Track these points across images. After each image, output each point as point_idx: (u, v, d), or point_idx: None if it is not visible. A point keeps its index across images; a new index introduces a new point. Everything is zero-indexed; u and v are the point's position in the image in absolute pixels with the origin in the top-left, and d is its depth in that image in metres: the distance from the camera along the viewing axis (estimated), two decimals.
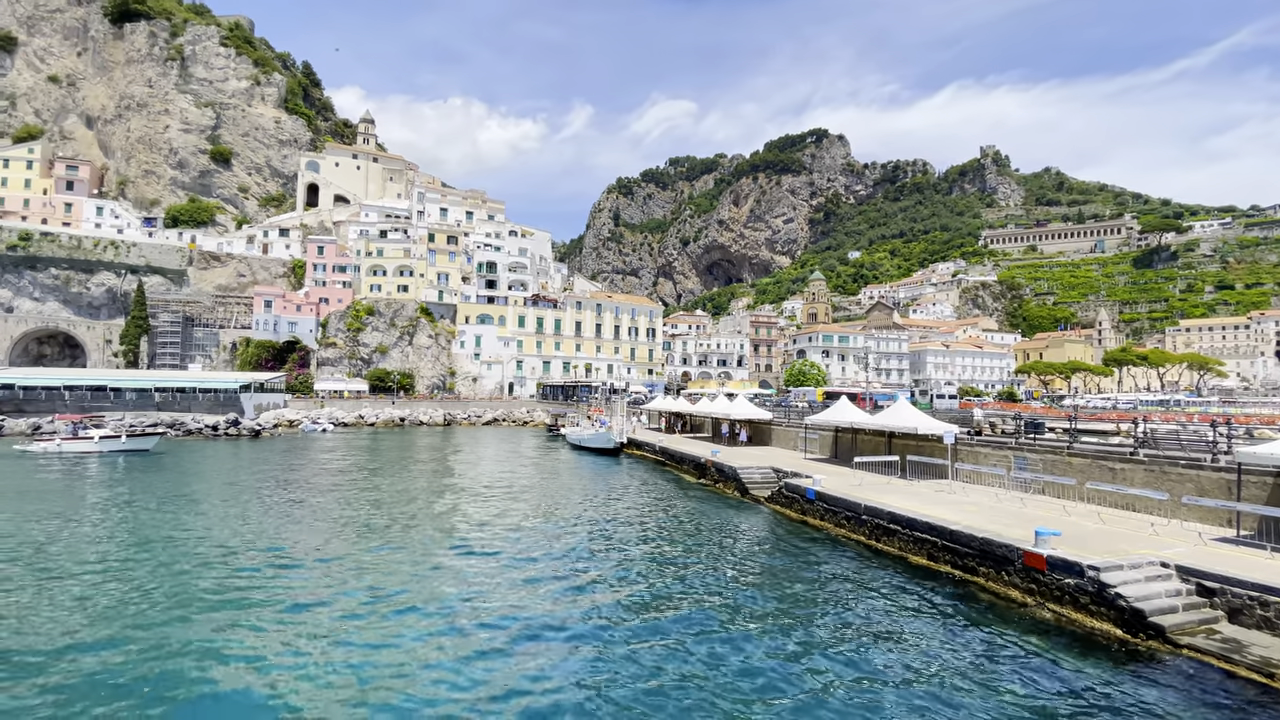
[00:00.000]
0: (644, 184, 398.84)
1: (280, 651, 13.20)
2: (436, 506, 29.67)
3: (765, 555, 21.79)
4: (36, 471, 37.57)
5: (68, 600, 15.88)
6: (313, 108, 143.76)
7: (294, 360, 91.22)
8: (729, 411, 45.06)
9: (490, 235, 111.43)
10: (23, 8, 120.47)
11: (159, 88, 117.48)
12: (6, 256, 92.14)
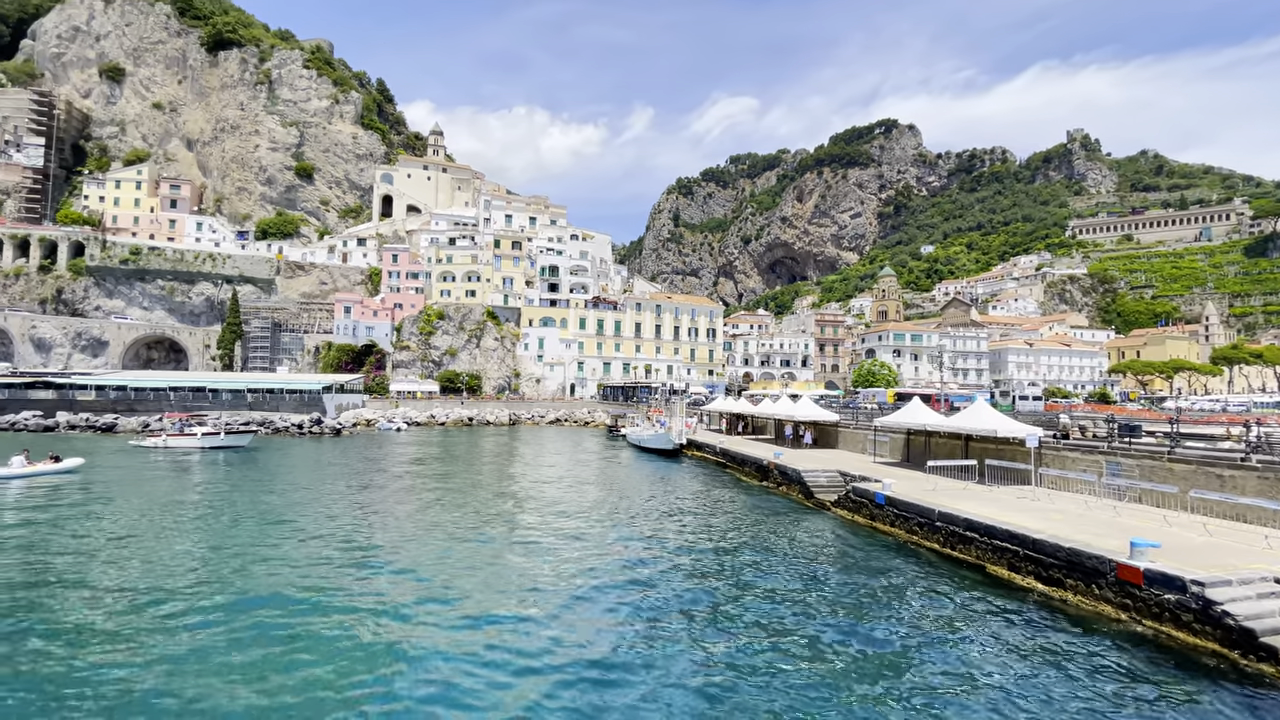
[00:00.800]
0: (704, 183, 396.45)
1: (356, 634, 13.82)
2: (504, 504, 30.40)
3: (831, 560, 21.02)
4: (148, 465, 41.05)
5: (182, 581, 17.13)
6: (386, 122, 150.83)
7: (371, 363, 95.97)
8: (792, 413, 43.96)
9: (552, 240, 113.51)
10: (129, 41, 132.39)
11: (249, 110, 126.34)
12: (120, 270, 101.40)
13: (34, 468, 34.65)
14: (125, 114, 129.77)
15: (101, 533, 22.84)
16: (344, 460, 45.52)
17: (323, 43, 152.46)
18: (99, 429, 64.47)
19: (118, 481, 34.14)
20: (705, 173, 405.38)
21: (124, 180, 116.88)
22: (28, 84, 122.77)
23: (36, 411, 68.38)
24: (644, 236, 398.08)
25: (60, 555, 19.93)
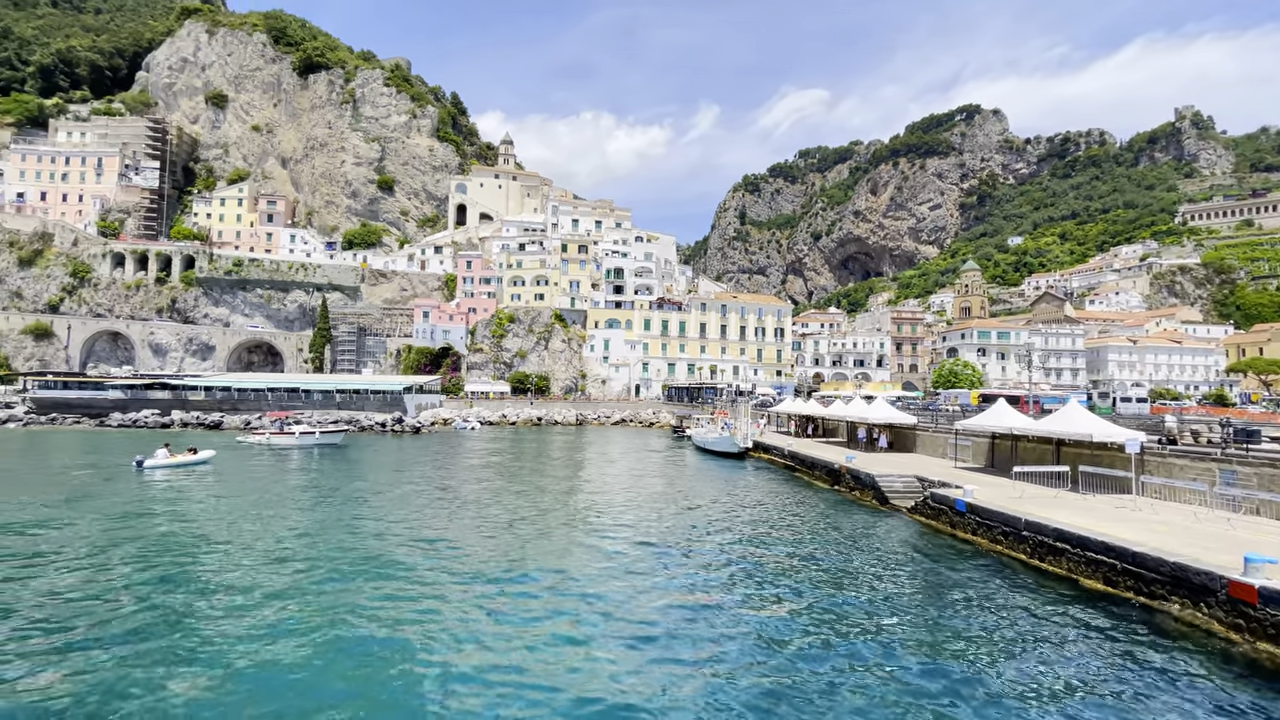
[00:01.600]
0: (771, 179, 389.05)
1: (432, 619, 14.35)
2: (574, 500, 31.02)
3: (907, 568, 20.00)
4: (256, 459, 44.96)
5: (294, 560, 18.44)
6: (460, 134, 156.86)
7: (447, 364, 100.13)
8: (866, 415, 42.32)
9: (617, 242, 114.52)
10: (231, 69, 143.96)
11: (336, 128, 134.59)
12: (225, 280, 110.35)
13: (175, 459, 39.56)
14: (228, 137, 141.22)
15: (231, 511, 26.79)
16: (425, 458, 47.84)
17: (401, 61, 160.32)
18: (207, 426, 70.51)
19: (237, 472, 38.22)
20: (773, 168, 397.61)
21: (227, 198, 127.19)
22: (144, 112, 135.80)
23: (155, 410, 75.59)
24: (709, 236, 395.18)
25: (200, 527, 24.01)
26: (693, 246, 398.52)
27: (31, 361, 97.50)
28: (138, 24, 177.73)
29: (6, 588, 16.73)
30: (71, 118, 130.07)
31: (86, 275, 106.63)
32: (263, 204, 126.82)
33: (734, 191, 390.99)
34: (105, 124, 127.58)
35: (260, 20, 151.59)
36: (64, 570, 18.28)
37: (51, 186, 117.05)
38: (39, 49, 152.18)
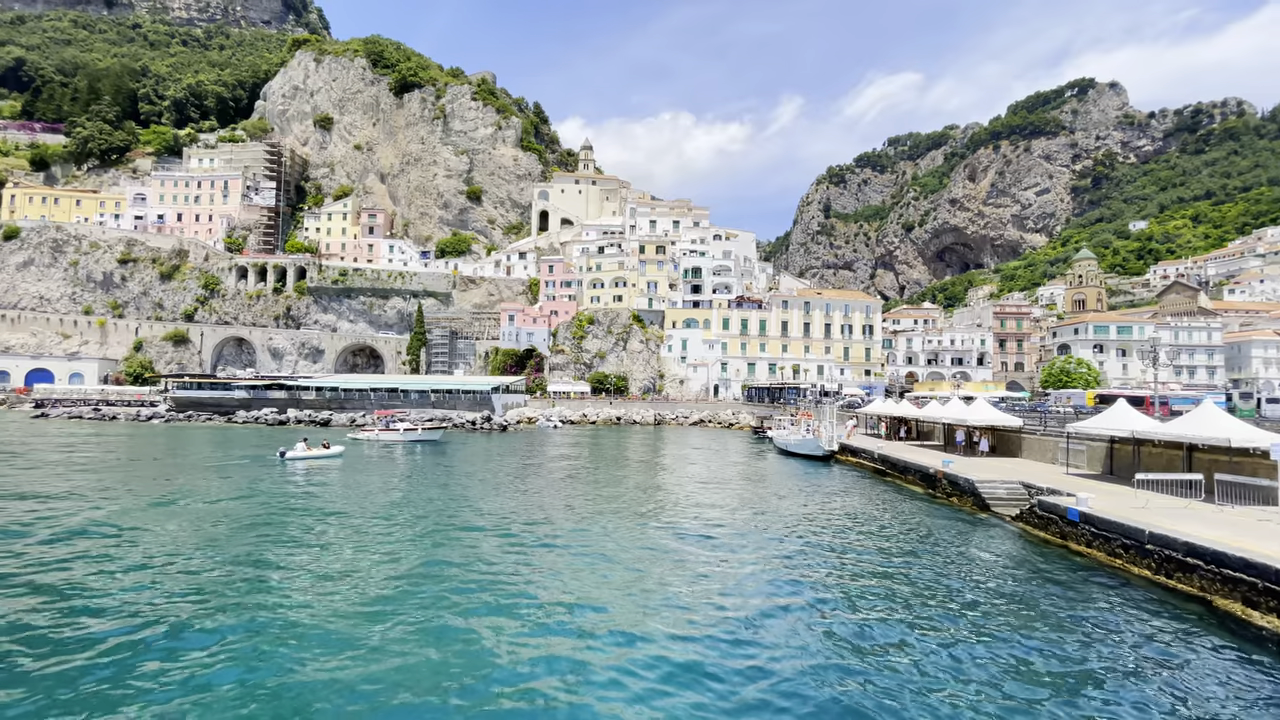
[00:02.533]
0: (858, 169, 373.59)
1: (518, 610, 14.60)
2: (654, 499, 31.03)
3: (1012, 581, 18.35)
4: (365, 454, 48.52)
5: (406, 550, 19.52)
6: (542, 143, 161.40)
7: (531, 365, 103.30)
8: (964, 416, 39.53)
9: (695, 241, 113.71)
10: (335, 93, 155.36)
11: (428, 143, 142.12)
12: (332, 289, 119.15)
13: (312, 452, 44.22)
14: (334, 156, 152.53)
15: (366, 496, 31.09)
16: (514, 454, 49.68)
17: (487, 75, 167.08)
18: (318, 423, 76.36)
19: (360, 465, 42.59)
20: (859, 158, 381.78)
21: (334, 213, 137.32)
22: (262, 138, 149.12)
23: (273, 408, 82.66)
24: (791, 231, 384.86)
25: (344, 507, 28.18)
26: (773, 243, 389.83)
27: (171, 365, 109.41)
28: (255, 57, 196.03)
29: (217, 550, 20.57)
30: (201, 145, 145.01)
31: (216, 287, 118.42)
32: (364, 217, 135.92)
33: (817, 184, 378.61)
34: (230, 150, 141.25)
35: (360, 46, 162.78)
36: (251, 535, 22.53)
37: (186, 208, 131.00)
38: (173, 85, 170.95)
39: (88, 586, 16.59)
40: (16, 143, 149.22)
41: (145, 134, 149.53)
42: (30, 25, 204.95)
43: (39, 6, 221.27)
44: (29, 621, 14.15)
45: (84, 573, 17.75)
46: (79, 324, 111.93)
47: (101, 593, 16.10)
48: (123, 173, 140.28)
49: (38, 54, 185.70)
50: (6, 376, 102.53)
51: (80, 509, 26.08)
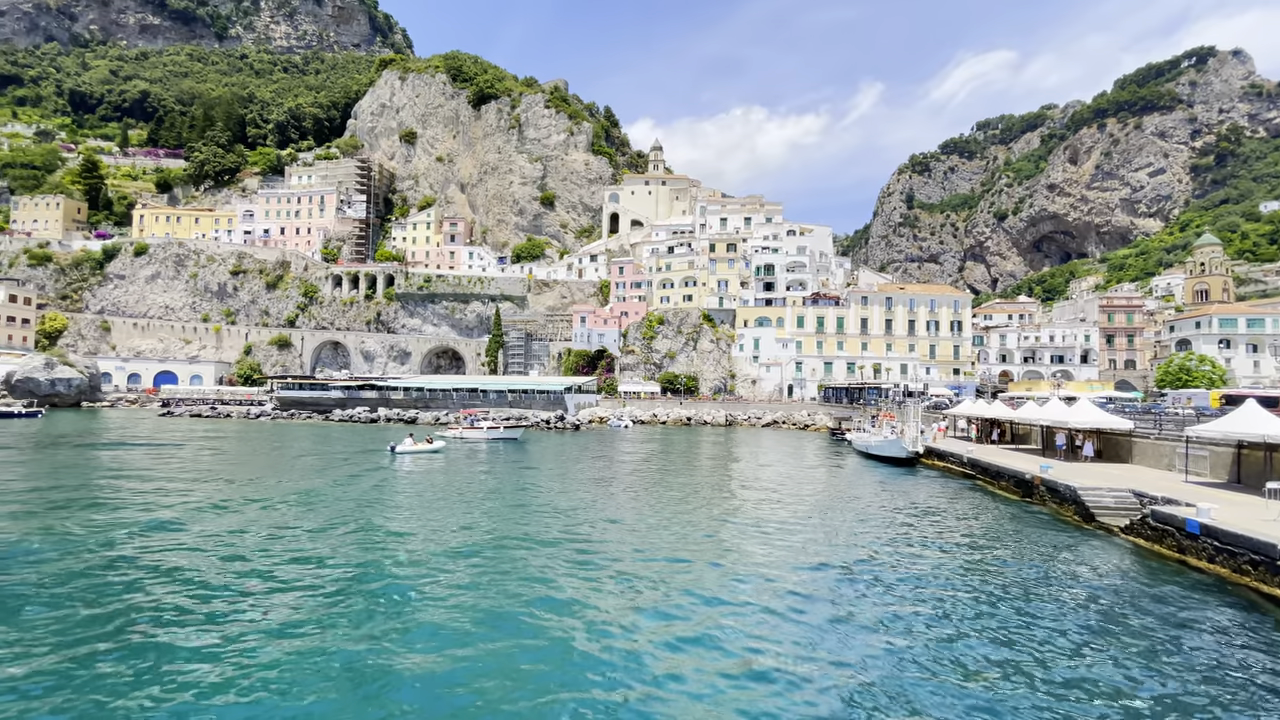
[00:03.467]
0: (944, 157, 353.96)
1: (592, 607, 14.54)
2: (726, 503, 30.34)
3: (1121, 601, 16.47)
4: (455, 451, 50.75)
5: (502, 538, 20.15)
6: (612, 146, 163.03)
7: (602, 366, 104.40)
8: (1066, 418, 36.37)
9: (767, 238, 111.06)
10: (419, 109, 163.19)
11: (504, 152, 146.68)
12: (417, 294, 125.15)
13: (418, 447, 47.93)
14: (417, 169, 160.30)
15: (459, 486, 34.48)
16: (588, 454, 50.37)
17: (559, 82, 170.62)
18: (405, 421, 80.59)
19: (457, 459, 45.45)
20: (945, 145, 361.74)
21: (418, 223, 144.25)
22: (353, 154, 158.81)
23: (365, 407, 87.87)
24: (870, 224, 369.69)
25: (447, 494, 31.93)
26: (851, 237, 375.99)
27: (275, 367, 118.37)
28: (347, 79, 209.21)
29: (360, 528, 23.98)
30: (300, 164, 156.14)
31: (314, 295, 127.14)
32: (446, 226, 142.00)
33: (899, 174, 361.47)
34: (325, 167, 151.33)
35: (440, 62, 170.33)
36: (369, 516, 26.13)
37: (287, 222, 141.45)
38: (275, 109, 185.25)
39: (267, 560, 19.47)
40: (144, 168, 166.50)
41: (252, 155, 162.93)
42: (153, 60, 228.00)
43: (160, 42, 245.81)
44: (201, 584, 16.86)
45: (266, 545, 21.13)
46: (198, 330, 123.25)
47: (271, 561, 19.19)
48: (234, 192, 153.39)
49: (160, 86, 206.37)
50: (138, 378, 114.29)
51: (249, 497, 29.54)
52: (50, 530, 22.62)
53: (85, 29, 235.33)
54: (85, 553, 19.71)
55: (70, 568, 17.99)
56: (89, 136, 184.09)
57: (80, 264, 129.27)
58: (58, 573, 17.51)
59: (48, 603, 15.38)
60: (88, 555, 19.37)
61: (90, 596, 15.77)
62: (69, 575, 17.31)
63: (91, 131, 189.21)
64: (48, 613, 14.73)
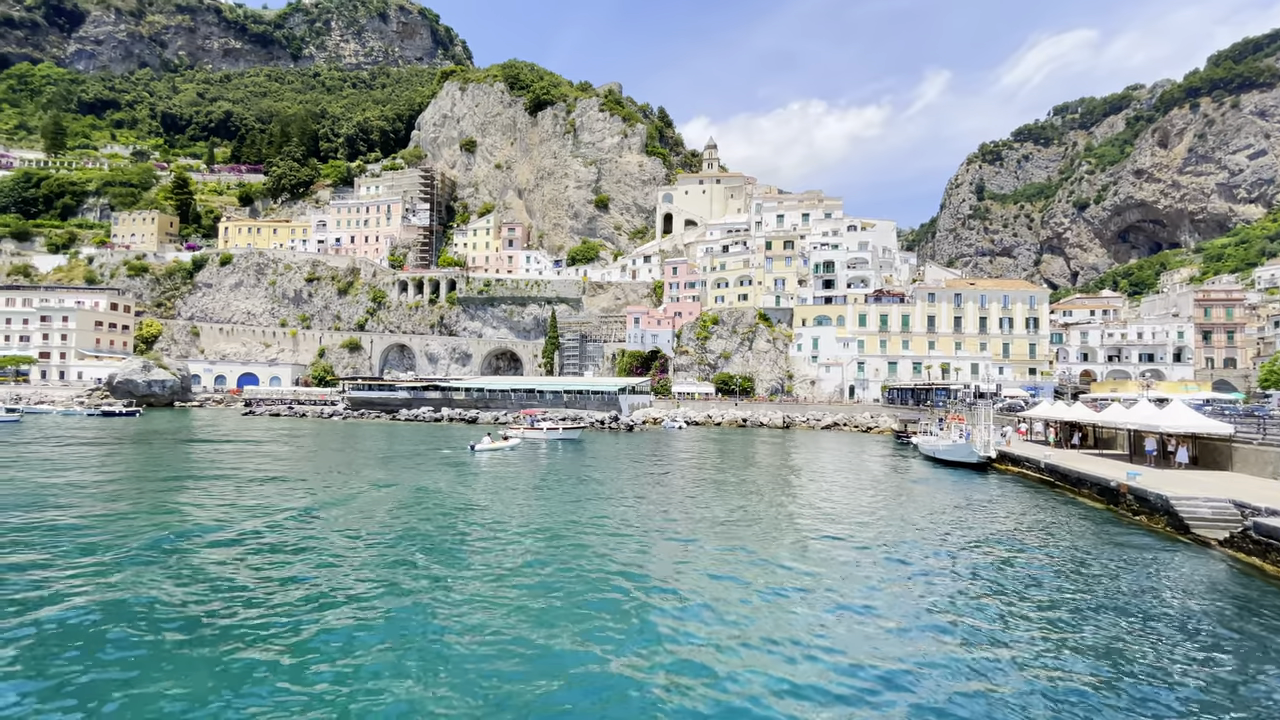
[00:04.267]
0: (1017, 144, 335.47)
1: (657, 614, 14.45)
2: (784, 506, 29.54)
3: (1220, 623, 14.85)
4: (519, 449, 52.12)
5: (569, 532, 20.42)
6: (666, 146, 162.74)
7: (656, 366, 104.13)
8: (1156, 421, 33.59)
9: (827, 234, 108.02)
10: (478, 118, 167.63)
11: (560, 157, 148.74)
12: (477, 298, 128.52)
13: (495, 445, 50.83)
14: (477, 176, 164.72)
15: (544, 479, 37.61)
16: (643, 454, 50.48)
17: (614, 85, 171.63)
18: (466, 420, 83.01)
19: (528, 456, 47.76)
20: (1019, 132, 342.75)
21: (478, 229, 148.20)
22: (417, 164, 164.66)
23: (429, 407, 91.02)
24: (937, 217, 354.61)
25: (526, 485, 35.22)
26: (916, 231, 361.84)
27: (347, 369, 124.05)
28: (411, 92, 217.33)
29: (448, 521, 25.97)
30: (368, 175, 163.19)
31: (382, 300, 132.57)
32: (504, 231, 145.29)
33: (968, 164, 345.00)
34: (391, 177, 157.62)
35: (499, 71, 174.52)
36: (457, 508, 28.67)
37: (357, 231, 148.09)
38: (345, 123, 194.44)
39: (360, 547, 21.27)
40: (228, 183, 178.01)
41: (325, 168, 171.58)
42: (235, 82, 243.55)
43: (241, 65, 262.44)
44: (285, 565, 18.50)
45: (355, 535, 22.86)
46: (276, 334, 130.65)
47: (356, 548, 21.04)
48: (308, 203, 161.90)
49: (241, 106, 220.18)
50: (224, 380, 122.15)
51: (340, 490, 32.09)
52: (161, 510, 25.48)
53: (174, 55, 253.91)
54: (207, 535, 21.64)
55: (192, 551, 19.13)
56: (179, 155, 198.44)
57: (172, 274, 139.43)
58: (173, 558, 18.66)
59: (173, 581, 16.99)
60: (208, 539, 20.89)
61: (213, 580, 17.31)
62: (188, 557, 18.41)
63: (181, 150, 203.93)
64: (170, 589, 16.24)
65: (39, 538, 21.26)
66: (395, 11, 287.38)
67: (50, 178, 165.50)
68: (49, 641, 13.01)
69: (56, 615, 14.34)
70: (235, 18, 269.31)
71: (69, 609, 14.73)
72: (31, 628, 13.60)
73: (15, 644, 12.85)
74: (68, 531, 22.07)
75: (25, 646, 12.81)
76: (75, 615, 14.39)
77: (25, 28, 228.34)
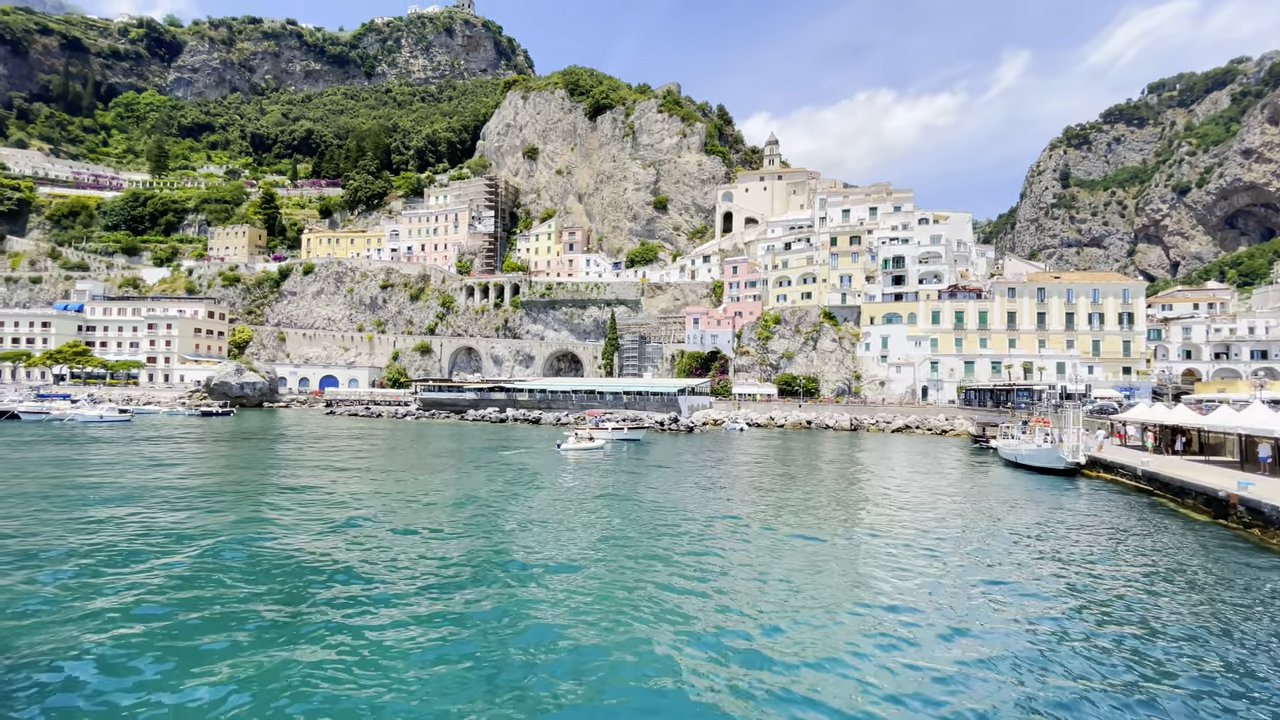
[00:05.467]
0: (1106, 126, 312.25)
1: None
2: (856, 515, 28.32)
3: None
4: (598, 449, 52.78)
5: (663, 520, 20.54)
6: (726, 144, 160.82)
7: (716, 367, 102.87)
8: (1272, 426, 30.32)
9: (896, 228, 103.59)
10: (540, 125, 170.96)
11: (619, 160, 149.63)
12: (539, 302, 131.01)
13: (579, 445, 51.76)
14: (539, 183, 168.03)
15: (629, 476, 39.07)
16: (705, 456, 50.00)
17: (672, 86, 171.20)
18: (530, 421, 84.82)
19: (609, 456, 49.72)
20: (1109, 113, 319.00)
21: (540, 234, 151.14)
22: (482, 173, 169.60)
23: (495, 408, 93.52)
24: (1017, 207, 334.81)
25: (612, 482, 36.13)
26: (995, 222, 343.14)
27: (418, 371, 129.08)
28: (476, 103, 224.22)
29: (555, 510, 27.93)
30: (437, 185, 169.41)
31: (450, 304, 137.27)
32: (564, 236, 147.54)
33: (1052, 149, 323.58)
34: (458, 186, 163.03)
35: (559, 79, 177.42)
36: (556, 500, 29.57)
37: (427, 239, 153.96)
38: (415, 136, 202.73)
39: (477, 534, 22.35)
40: (310, 197, 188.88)
41: (397, 180, 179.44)
42: (315, 102, 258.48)
43: (320, 85, 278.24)
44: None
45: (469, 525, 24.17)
46: (354, 339, 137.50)
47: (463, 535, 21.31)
48: (381, 214, 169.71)
49: (320, 124, 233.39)
50: (307, 382, 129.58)
51: (448, 488, 34.06)
52: (265, 503, 27.99)
53: (261, 79, 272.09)
54: (311, 526, 23.21)
55: (290, 543, 20.23)
56: (266, 172, 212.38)
57: (261, 283, 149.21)
58: (275, 545, 19.75)
59: (274, 564, 18.69)
60: (311, 531, 22.06)
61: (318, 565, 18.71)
62: (288, 548, 19.45)
63: (268, 168, 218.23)
64: (275, 570, 18.03)
65: (165, 518, 23.01)
66: (460, 26, 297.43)
67: (155, 197, 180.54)
68: (185, 609, 13.91)
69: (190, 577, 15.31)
70: (315, 41, 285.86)
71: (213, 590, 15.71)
72: (169, 598, 14.58)
73: (156, 620, 13.95)
74: (190, 515, 23.72)
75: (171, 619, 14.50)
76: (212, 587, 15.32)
77: (130, 59, 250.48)
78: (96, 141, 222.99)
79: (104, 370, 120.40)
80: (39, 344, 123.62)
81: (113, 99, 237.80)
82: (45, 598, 15.71)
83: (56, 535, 21.74)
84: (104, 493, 29.72)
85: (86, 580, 17.09)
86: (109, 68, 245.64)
